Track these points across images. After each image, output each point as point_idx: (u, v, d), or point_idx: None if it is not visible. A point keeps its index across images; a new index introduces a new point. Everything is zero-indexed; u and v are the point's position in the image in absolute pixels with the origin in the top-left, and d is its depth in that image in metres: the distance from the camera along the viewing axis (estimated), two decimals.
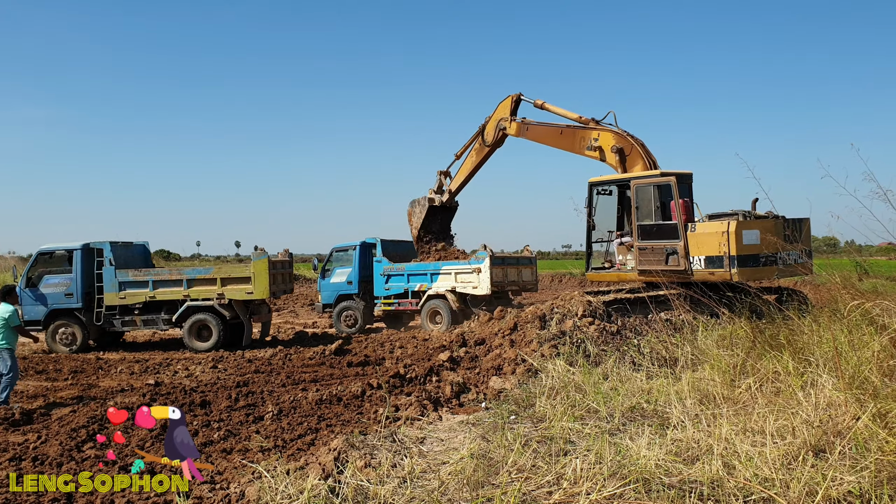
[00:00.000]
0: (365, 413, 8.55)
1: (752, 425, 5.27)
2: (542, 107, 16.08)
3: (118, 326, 16.24)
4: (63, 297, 16.02)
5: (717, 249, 11.39)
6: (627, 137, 13.81)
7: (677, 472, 4.67)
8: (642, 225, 12.47)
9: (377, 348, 14.31)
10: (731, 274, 11.34)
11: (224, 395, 9.79)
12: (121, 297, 16.01)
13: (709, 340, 8.84)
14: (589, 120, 14.71)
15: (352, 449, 5.68)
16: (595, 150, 14.21)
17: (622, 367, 8.40)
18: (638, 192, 12.52)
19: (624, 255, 13.52)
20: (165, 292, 15.97)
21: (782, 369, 6.67)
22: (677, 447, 5.18)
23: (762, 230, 11.56)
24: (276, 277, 16.36)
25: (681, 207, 12.01)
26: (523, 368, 9.33)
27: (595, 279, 14.11)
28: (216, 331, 15.67)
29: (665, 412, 6.37)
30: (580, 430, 5.93)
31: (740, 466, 4.52)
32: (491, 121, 17.19)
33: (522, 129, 16.30)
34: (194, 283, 15.90)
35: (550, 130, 15.53)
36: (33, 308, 16.00)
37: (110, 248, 16.14)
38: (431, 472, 5.18)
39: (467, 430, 6.57)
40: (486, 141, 17.35)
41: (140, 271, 16.26)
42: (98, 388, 10.95)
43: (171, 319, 15.99)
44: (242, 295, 15.72)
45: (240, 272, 15.98)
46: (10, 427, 8.34)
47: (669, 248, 12.04)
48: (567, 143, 14.99)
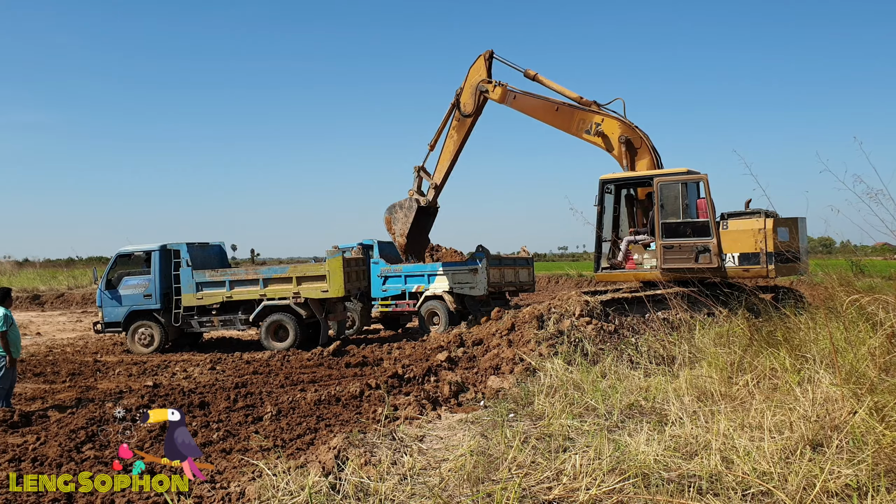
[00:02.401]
0: (364, 413, 8.55)
1: (749, 421, 5.31)
2: (534, 78, 14.73)
3: (196, 327, 16.27)
4: (142, 299, 16.08)
5: (752, 246, 11.55)
6: (637, 129, 13.29)
7: (676, 466, 4.70)
8: (667, 223, 12.41)
9: (375, 349, 14.32)
10: (768, 270, 11.51)
11: (223, 396, 9.80)
12: (198, 297, 16.04)
13: (706, 338, 8.88)
14: (591, 102, 13.86)
15: (352, 447, 5.70)
16: (598, 136, 13.53)
17: (620, 366, 8.43)
18: (663, 189, 12.44)
19: (640, 253, 13.45)
20: (242, 292, 15.97)
21: (779, 366, 6.71)
22: (675, 443, 5.21)
23: (791, 228, 11.86)
24: (350, 275, 16.28)
25: (710, 205, 12.07)
26: (521, 368, 9.35)
27: (606, 279, 13.77)
28: (293, 330, 15.64)
29: (663, 409, 6.40)
30: (579, 427, 5.96)
31: (738, 461, 4.56)
32: (466, 87, 15.49)
33: (508, 96, 14.85)
34: (270, 282, 15.88)
35: (544, 104, 14.43)
36: (114, 310, 16.11)
37: (187, 249, 16.18)
38: (431, 469, 5.20)
39: (466, 428, 6.60)
40: (464, 111, 15.55)
41: (217, 272, 16.25)
42: (97, 391, 10.94)
43: (248, 319, 16.00)
44: (318, 293, 15.66)
45: (315, 270, 15.96)
46: (8, 429, 8.33)
47: (700, 246, 12.04)
48: (562, 122, 14.07)
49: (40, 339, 19.33)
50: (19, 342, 9.66)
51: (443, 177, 16.49)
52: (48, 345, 17.78)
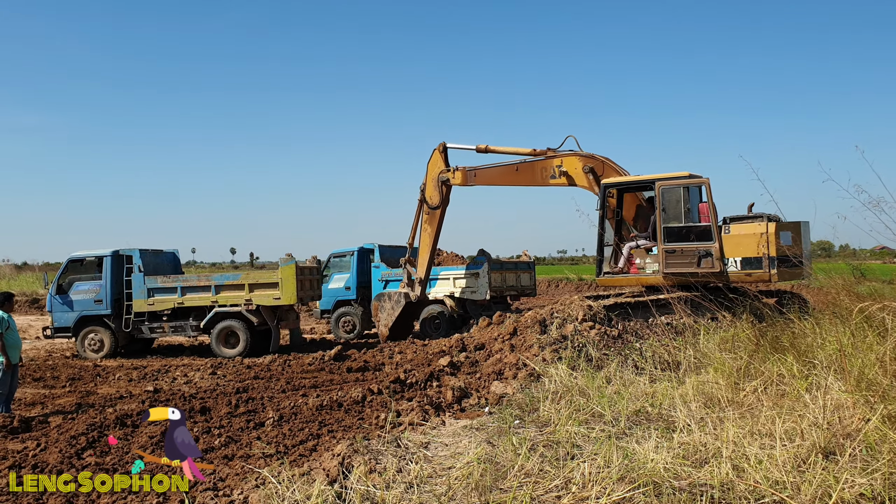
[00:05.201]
0: (366, 418, 8.49)
1: (759, 428, 5.25)
2: (486, 150, 15.29)
3: (147, 333, 16.21)
4: (93, 304, 16.02)
5: (755, 251, 11.49)
6: (595, 157, 13.72)
7: (686, 475, 4.63)
8: (669, 227, 12.36)
9: (376, 353, 14.25)
10: (770, 275, 11.46)
11: (224, 402, 9.72)
12: (149, 303, 16.00)
13: (711, 343, 8.82)
14: (545, 150, 14.37)
15: (356, 454, 5.63)
16: (562, 177, 14.00)
17: (625, 371, 8.37)
18: (664, 193, 12.39)
19: (642, 258, 13.41)
20: (194, 298, 15.94)
21: (786, 372, 6.65)
22: (684, 450, 5.14)
23: (793, 232, 11.79)
24: (304, 283, 16.28)
25: (712, 209, 12.03)
26: (525, 373, 9.29)
27: (608, 284, 13.78)
28: (244, 337, 15.59)
29: (670, 416, 6.34)
30: (586, 434, 5.89)
31: (750, 469, 4.49)
32: (428, 182, 16.16)
33: (469, 175, 15.46)
34: (222, 289, 15.87)
35: (504, 170, 15.00)
36: (64, 314, 16.01)
37: (139, 255, 16.13)
38: (438, 477, 5.14)
39: (471, 434, 6.53)
40: (431, 205, 16.16)
41: (168, 278, 16.21)
42: (97, 396, 10.86)
43: (199, 326, 15.93)
44: (270, 301, 15.67)
45: (267, 278, 15.94)
46: (8, 434, 8.26)
47: (702, 251, 11.98)
48: (526, 178, 14.59)
49: (39, 343, 19.23)
50: (19, 347, 9.58)
51: (425, 270, 16.86)
52: (47, 349, 17.70)
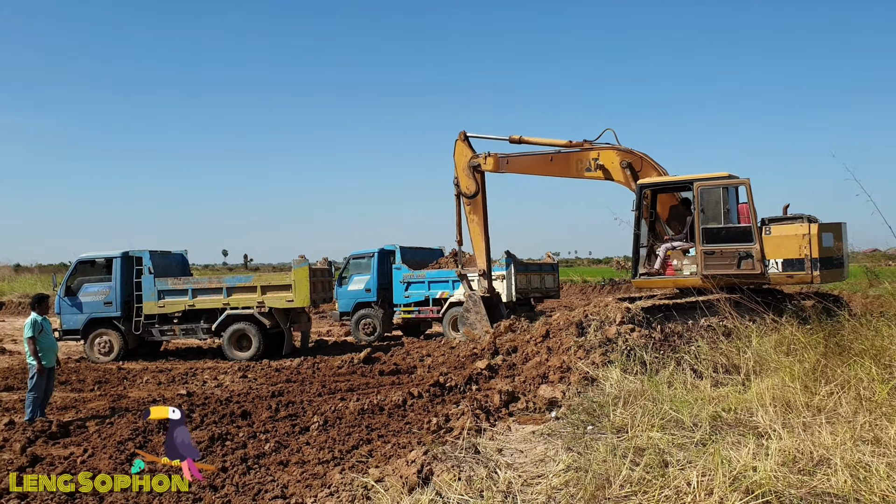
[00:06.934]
0: (413, 423, 8.28)
1: (862, 434, 5.04)
2: (520, 140, 14.99)
3: (157, 336, 15.93)
4: (102, 306, 15.72)
5: (797, 252, 11.30)
6: (634, 152, 13.54)
7: (799, 483, 4.43)
8: (708, 228, 12.18)
9: (405, 356, 14.03)
10: (812, 276, 11.27)
11: (263, 406, 9.50)
12: (160, 305, 15.72)
13: (766, 346, 8.62)
14: (582, 142, 14.16)
15: (435, 461, 5.40)
16: (598, 170, 13.78)
17: (682, 375, 8.16)
18: (703, 194, 12.20)
19: (679, 259, 13.20)
20: (205, 301, 15.68)
21: (864, 375, 6.45)
22: (785, 457, 4.93)
23: (834, 233, 11.61)
24: (317, 285, 16.05)
25: (752, 210, 11.84)
26: (577, 376, 9.07)
27: (644, 286, 13.55)
28: (256, 340, 15.34)
29: (749, 421, 6.13)
30: (670, 440, 5.67)
31: (872, 477, 4.29)
32: (459, 172, 15.58)
33: (502, 162, 15.08)
34: (234, 291, 15.63)
35: (539, 159, 14.72)
36: (73, 317, 15.71)
37: (149, 257, 15.84)
38: (529, 486, 4.92)
39: (544, 440, 6.31)
40: (468, 194, 15.49)
41: (179, 279, 15.94)
42: (129, 399, 10.62)
43: (210, 328, 15.66)
44: (283, 303, 15.43)
45: (280, 280, 15.73)
46: (48, 440, 8.01)
47: (742, 252, 11.80)
48: (561, 169, 14.34)
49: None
50: (55, 350, 9.34)
51: (486, 260, 15.92)
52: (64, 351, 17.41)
